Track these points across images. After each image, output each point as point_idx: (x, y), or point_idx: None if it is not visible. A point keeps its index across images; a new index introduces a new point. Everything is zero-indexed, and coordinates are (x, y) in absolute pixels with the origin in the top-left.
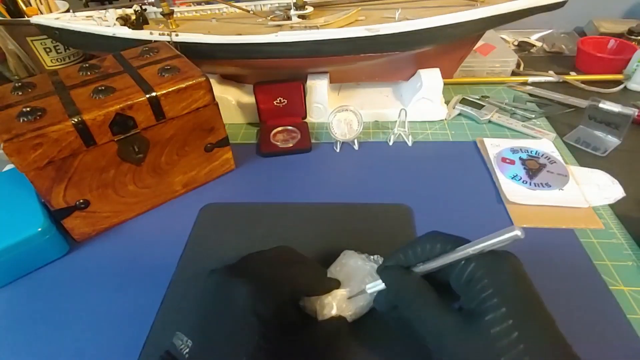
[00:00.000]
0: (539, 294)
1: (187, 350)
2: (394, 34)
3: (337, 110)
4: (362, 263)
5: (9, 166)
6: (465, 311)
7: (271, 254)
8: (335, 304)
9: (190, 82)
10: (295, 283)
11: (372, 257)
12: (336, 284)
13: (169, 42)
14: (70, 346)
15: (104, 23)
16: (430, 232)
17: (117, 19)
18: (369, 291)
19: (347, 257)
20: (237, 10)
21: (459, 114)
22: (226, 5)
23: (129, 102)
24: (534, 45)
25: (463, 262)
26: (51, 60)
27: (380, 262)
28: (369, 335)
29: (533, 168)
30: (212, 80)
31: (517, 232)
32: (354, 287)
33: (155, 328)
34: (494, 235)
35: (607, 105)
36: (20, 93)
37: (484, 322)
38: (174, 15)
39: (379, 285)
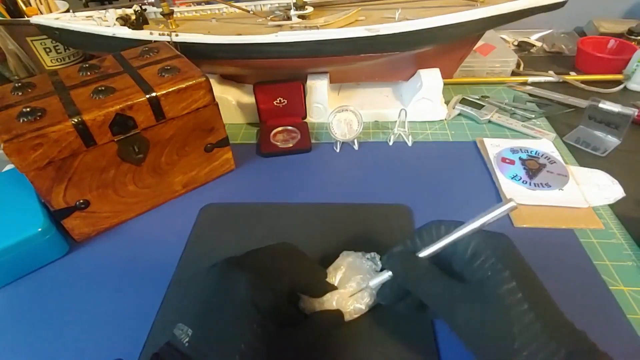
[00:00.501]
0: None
1: (187, 339)
2: (394, 34)
3: (337, 110)
4: (360, 261)
5: (9, 166)
6: (472, 285)
7: (273, 248)
8: (335, 302)
9: (190, 82)
10: (295, 276)
11: (367, 254)
12: (333, 289)
13: (169, 42)
14: (70, 346)
15: (104, 23)
16: (432, 220)
17: (117, 19)
18: (371, 284)
19: (344, 257)
20: (237, 10)
21: (459, 114)
22: (226, 5)
23: (129, 103)
24: (534, 45)
25: (465, 241)
26: (51, 60)
27: (377, 259)
28: (364, 334)
29: (533, 168)
30: (212, 80)
31: (514, 203)
32: (352, 286)
33: (156, 328)
34: (493, 209)
35: (607, 105)
36: (20, 93)
37: (495, 293)
38: (174, 15)
39: (382, 277)
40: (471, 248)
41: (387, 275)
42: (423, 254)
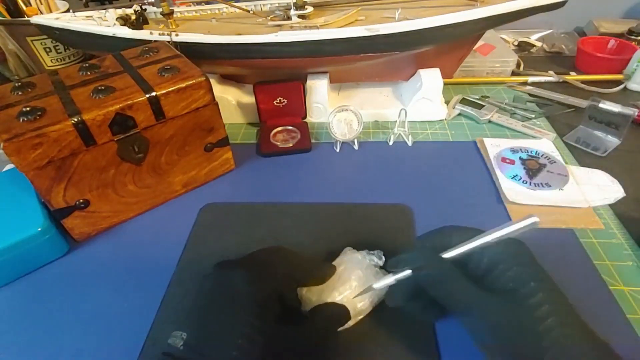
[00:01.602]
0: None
1: (182, 342)
2: (393, 33)
3: (337, 110)
4: (361, 258)
5: (9, 166)
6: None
7: (265, 249)
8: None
9: (190, 82)
10: (291, 265)
11: (373, 252)
12: (332, 270)
13: (169, 42)
14: (70, 346)
15: (104, 23)
16: (444, 226)
17: (117, 19)
18: (376, 286)
19: (345, 254)
20: (237, 10)
21: (459, 114)
22: (226, 5)
23: (128, 102)
24: (534, 45)
25: (481, 250)
26: (51, 60)
27: (382, 256)
28: (364, 334)
29: (533, 168)
30: (212, 80)
31: (536, 219)
32: (352, 283)
33: (155, 328)
34: (514, 222)
35: (607, 105)
36: (20, 93)
37: (522, 304)
38: (174, 15)
39: (388, 280)
40: (487, 257)
41: (392, 278)
42: (446, 255)
